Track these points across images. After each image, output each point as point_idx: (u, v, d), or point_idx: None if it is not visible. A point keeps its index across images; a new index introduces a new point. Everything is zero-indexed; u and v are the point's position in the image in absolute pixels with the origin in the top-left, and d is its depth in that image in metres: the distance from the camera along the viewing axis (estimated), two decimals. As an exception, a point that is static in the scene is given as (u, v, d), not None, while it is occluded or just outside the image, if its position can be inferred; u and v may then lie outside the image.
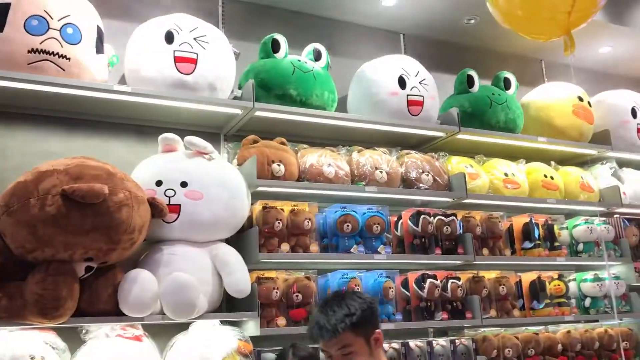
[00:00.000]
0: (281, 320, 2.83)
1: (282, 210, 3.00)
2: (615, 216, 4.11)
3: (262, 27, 3.64)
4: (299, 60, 3.27)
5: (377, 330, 2.21)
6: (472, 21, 4.13)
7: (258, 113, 3.10)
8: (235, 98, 3.13)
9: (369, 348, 2.17)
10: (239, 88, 3.23)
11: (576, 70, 4.87)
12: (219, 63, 3.01)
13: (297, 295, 2.90)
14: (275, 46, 3.25)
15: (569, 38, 2.38)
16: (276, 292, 2.86)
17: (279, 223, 2.93)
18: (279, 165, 3.00)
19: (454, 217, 3.45)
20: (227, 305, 2.96)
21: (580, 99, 4.10)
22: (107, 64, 2.91)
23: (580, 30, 4.18)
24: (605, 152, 4.23)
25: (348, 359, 2.14)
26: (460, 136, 3.70)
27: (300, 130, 3.42)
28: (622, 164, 4.41)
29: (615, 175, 4.28)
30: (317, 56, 3.38)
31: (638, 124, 4.32)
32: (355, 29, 4.06)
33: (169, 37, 2.92)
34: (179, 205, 2.65)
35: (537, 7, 2.34)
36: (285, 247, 2.93)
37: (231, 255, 2.72)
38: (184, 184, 2.70)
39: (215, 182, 2.75)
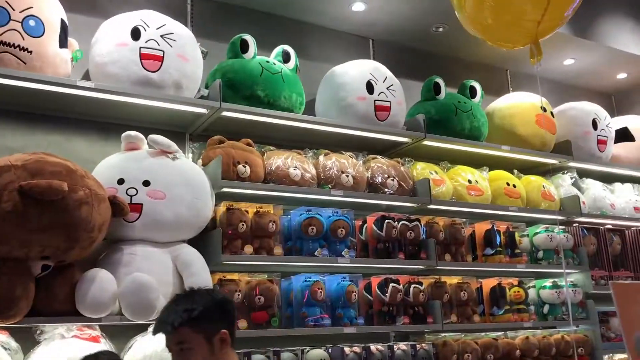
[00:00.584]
0: (242, 323, 2.80)
1: (247, 211, 2.98)
2: (574, 225, 4.21)
3: (231, 27, 3.62)
4: (268, 62, 3.26)
5: (223, 331, 2.08)
6: (441, 29, 4.18)
7: (225, 113, 3.08)
8: (201, 97, 3.10)
9: (210, 347, 2.05)
10: (206, 87, 3.20)
11: (540, 80, 4.97)
12: (186, 61, 2.97)
13: (259, 298, 2.88)
14: (244, 46, 3.23)
15: (536, 47, 2.41)
16: (238, 295, 2.83)
17: (243, 225, 2.90)
18: (244, 166, 2.98)
19: (417, 223, 3.47)
20: (188, 307, 2.92)
21: (544, 109, 4.19)
22: (71, 58, 2.84)
23: (545, 42, 4.25)
24: (566, 162, 4.32)
25: (184, 355, 2.04)
26: (426, 142, 3.73)
27: (267, 132, 3.40)
28: (582, 174, 4.52)
29: (576, 185, 4.38)
30: (286, 58, 3.37)
31: (598, 135, 4.43)
32: (325, 33, 4.07)
33: (135, 34, 2.88)
34: (141, 204, 2.61)
35: (506, 14, 2.35)
36: (248, 249, 2.91)
37: (193, 256, 2.69)
38: (146, 183, 2.65)
39: (178, 182, 2.72)
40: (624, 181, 4.74)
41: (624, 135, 4.78)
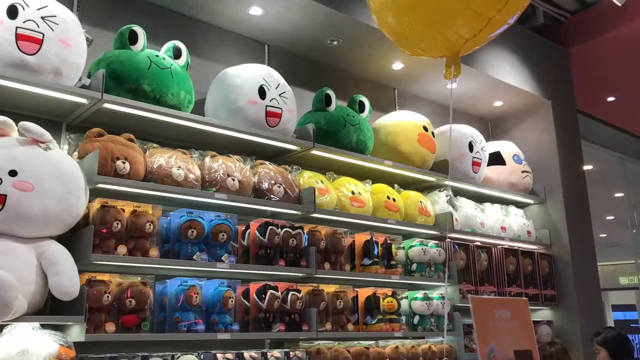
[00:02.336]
0: (110, 326, 2.67)
1: (123, 210, 2.85)
2: (447, 240, 4.43)
3: (121, 16, 3.47)
4: (157, 56, 3.15)
5: None
6: (335, 42, 4.26)
7: (106, 105, 2.93)
8: (82, 87, 2.93)
9: None
10: (88, 76, 3.02)
11: (425, 102, 5.23)
12: (68, 47, 2.80)
13: (130, 301, 2.76)
14: (133, 38, 3.10)
15: (455, 62, 2.46)
16: (107, 296, 2.69)
17: (117, 224, 2.77)
18: (124, 162, 2.85)
19: (300, 230, 3.50)
20: (53, 308, 2.73)
21: (426, 129, 4.39)
22: None
23: (430, 65, 4.52)
24: (443, 180, 4.55)
25: None
26: (314, 152, 3.78)
27: (151, 129, 3.28)
28: (456, 192, 4.78)
29: (450, 202, 4.62)
30: (177, 54, 3.28)
31: (473, 157, 4.71)
32: (220, 33, 4.01)
33: (13, 12, 2.67)
34: (5, 195, 2.42)
35: (444, 25, 2.31)
36: (122, 249, 2.78)
37: (60, 254, 2.53)
38: (12, 173, 2.46)
39: (49, 174, 2.55)
40: (493, 202, 5.09)
41: (496, 159, 5.13)
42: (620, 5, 5.06)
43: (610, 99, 6.98)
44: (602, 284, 5.75)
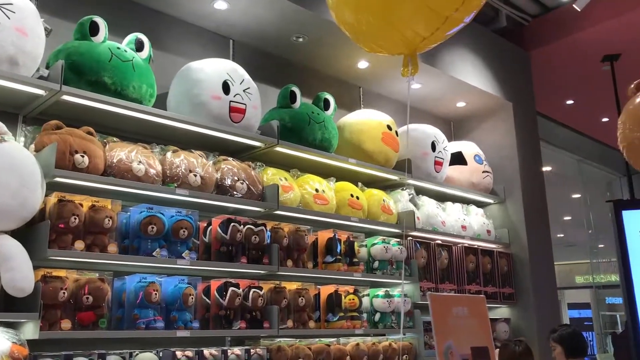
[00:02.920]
0: (66, 324, 2.61)
1: (81, 205, 2.79)
2: (408, 238, 4.48)
3: (82, 6, 3.39)
4: (119, 48, 3.09)
5: None
6: (301, 40, 4.25)
7: (65, 97, 2.86)
8: (40, 77, 2.85)
9: None
10: (47, 67, 2.95)
11: (389, 101, 5.27)
12: (25, 36, 2.71)
13: (87, 298, 2.70)
14: (94, 29, 3.03)
15: (413, 60, 2.47)
16: (64, 293, 2.63)
17: (75, 219, 2.71)
18: (82, 156, 2.79)
19: (263, 227, 3.48)
20: (6, 305, 2.65)
21: (390, 128, 4.42)
22: None
23: (395, 64, 4.53)
24: (405, 179, 4.59)
25: None
26: (278, 149, 3.77)
27: (111, 122, 3.21)
28: (419, 191, 4.84)
29: (413, 201, 4.67)
30: (139, 47, 3.22)
31: (436, 157, 4.77)
32: (184, 27, 3.96)
33: (-34, -2, 2.58)
34: (-44, 188, 2.33)
35: (393, 22, 2.32)
36: (79, 245, 2.72)
37: (14, 249, 2.46)
38: (-36, 165, 2.38)
39: (4, 167, 2.47)
40: (455, 201, 5.16)
41: (458, 158, 5.21)
42: (579, 10, 5.19)
43: (569, 102, 7.16)
44: (558, 282, 5.89)
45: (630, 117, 3.82)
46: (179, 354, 2.99)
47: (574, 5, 5.21)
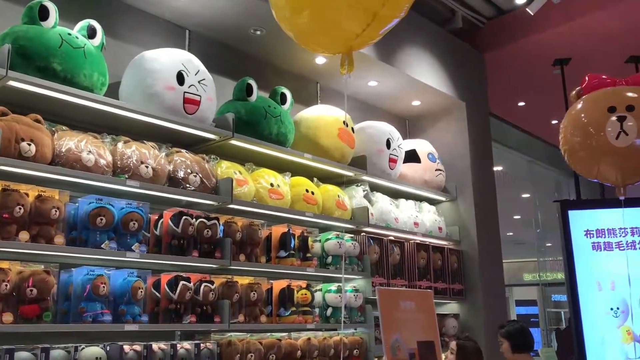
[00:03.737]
0: (7, 317, 2.53)
1: (27, 194, 2.71)
2: (362, 234, 4.52)
3: (32, -11, 3.27)
4: (70, 34, 3.00)
5: None
6: (259, 32, 4.22)
7: (12, 83, 2.77)
8: (-15, 62, 2.74)
9: None
10: (-8, 51, 2.84)
11: (346, 97, 5.28)
12: (-31, 18, 2.62)
13: (31, 290, 2.62)
14: (44, 13, 2.94)
15: (349, 58, 2.50)
16: (6, 285, 2.55)
17: (20, 208, 2.63)
18: (29, 144, 2.70)
19: (216, 221, 3.45)
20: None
21: (346, 124, 4.44)
22: None
23: (354, 62, 4.57)
24: (360, 176, 4.63)
25: None
26: (233, 142, 3.74)
27: (60, 110, 3.12)
28: (373, 187, 4.88)
29: (367, 197, 4.71)
30: (92, 34, 3.14)
31: (390, 154, 4.82)
32: (139, 15, 3.88)
33: None
34: None
35: (333, 21, 2.35)
36: (24, 236, 2.64)
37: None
38: None
39: (-57, 153, 2.37)
40: (408, 198, 5.22)
41: (412, 156, 5.28)
42: (532, 14, 5.32)
43: (521, 104, 7.35)
44: (507, 280, 6.05)
45: (572, 122, 3.96)
46: (126, 348, 2.94)
47: (527, 9, 5.34)
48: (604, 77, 4.03)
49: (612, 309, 4.90)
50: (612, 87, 3.95)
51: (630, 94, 3.80)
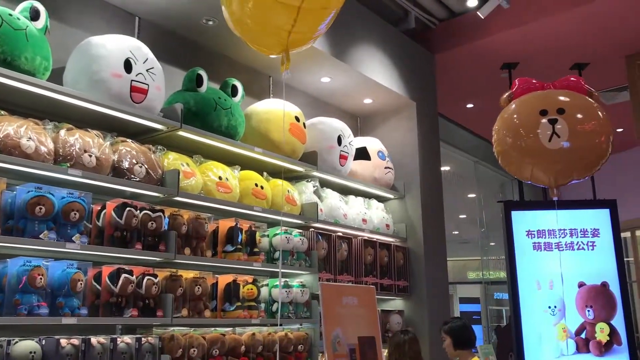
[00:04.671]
0: None
1: (-41, 181, 2.58)
2: (310, 230, 4.52)
3: (-29, -34, 3.13)
4: (11, 15, 2.87)
5: None
6: (210, 23, 4.15)
7: (-55, 64, 2.63)
8: None
9: None
10: None
11: (298, 93, 5.27)
12: None
13: (-38, 281, 2.51)
14: (-18, -8, 2.81)
15: (286, 56, 2.53)
16: None
17: (-49, 195, 2.50)
18: (-37, 128, 2.57)
19: (161, 213, 3.38)
20: None
21: (298, 119, 4.43)
22: None
23: (306, 57, 4.56)
24: (311, 171, 4.63)
25: None
26: (181, 133, 3.67)
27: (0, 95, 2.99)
28: (323, 183, 4.88)
29: (317, 193, 4.72)
30: (35, 15, 3.01)
31: (341, 150, 4.84)
32: (87, -1, 3.75)
33: None
34: None
35: (263, 21, 2.42)
36: (-45, 223, 2.51)
37: None
38: None
39: None
40: (357, 195, 5.26)
41: (362, 154, 5.31)
42: (483, 18, 5.43)
43: (469, 105, 7.50)
44: (451, 277, 6.17)
45: (504, 124, 4.07)
46: (63, 342, 2.84)
47: (478, 13, 5.44)
48: (533, 81, 4.16)
49: (549, 307, 5.06)
50: (543, 91, 4.07)
51: (561, 98, 3.94)
